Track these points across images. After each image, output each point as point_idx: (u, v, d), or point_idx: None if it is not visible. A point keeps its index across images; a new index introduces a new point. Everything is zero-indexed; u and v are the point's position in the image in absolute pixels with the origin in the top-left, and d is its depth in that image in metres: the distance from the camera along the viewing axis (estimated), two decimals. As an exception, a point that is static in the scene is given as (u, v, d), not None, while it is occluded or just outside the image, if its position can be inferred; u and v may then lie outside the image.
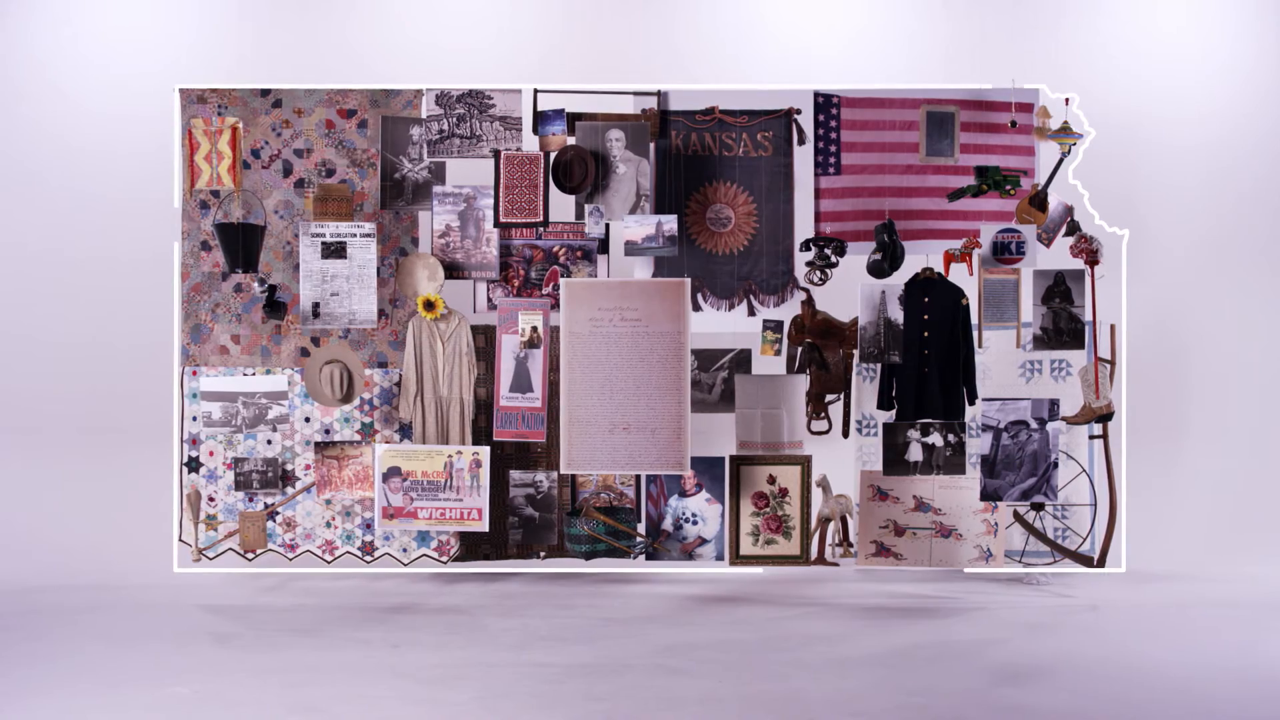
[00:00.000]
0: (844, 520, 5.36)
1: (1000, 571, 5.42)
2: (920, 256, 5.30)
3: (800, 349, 5.39)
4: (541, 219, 5.37)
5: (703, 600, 5.09)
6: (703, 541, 5.40)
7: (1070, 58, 6.18)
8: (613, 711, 3.64)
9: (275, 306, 5.31)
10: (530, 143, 5.41)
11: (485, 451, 5.24)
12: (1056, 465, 5.20)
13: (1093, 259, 5.23)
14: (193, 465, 5.40)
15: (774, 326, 5.39)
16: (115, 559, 5.56)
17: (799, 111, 5.41)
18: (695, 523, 5.40)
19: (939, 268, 5.27)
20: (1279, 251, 6.25)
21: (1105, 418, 5.28)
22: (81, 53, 6.22)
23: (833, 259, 5.30)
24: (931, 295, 5.24)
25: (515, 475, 5.43)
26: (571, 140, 5.36)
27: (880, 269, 5.26)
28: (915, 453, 5.23)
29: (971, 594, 5.19)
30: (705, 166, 5.43)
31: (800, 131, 5.42)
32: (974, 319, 5.26)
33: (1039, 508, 5.43)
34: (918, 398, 5.21)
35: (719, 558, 5.38)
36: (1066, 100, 5.36)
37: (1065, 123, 5.29)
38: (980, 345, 5.32)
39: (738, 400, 5.35)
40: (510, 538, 5.44)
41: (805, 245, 5.36)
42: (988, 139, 5.43)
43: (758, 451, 5.32)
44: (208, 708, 3.69)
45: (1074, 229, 5.31)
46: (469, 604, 5.00)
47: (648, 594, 5.20)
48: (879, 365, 5.30)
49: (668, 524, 5.40)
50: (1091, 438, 5.43)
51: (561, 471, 5.18)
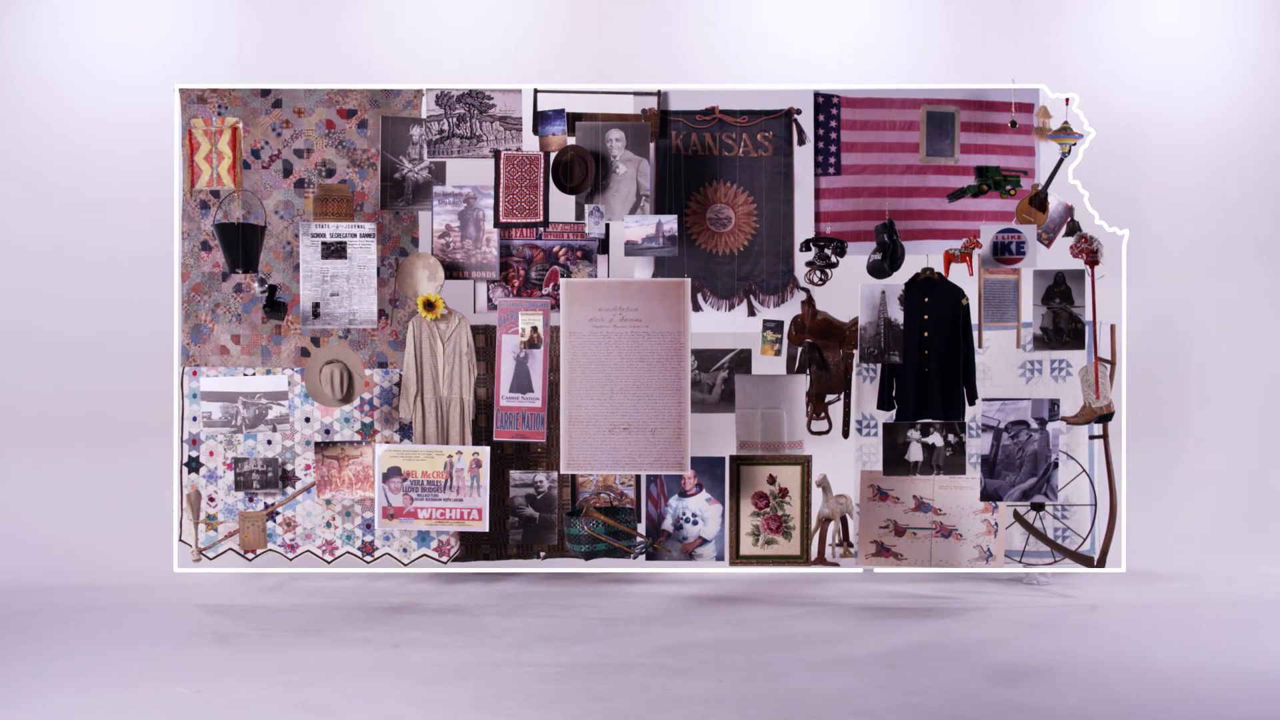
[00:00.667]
0: (844, 520, 5.36)
1: (1000, 571, 5.42)
2: (920, 256, 5.30)
3: (800, 349, 5.39)
4: (541, 219, 5.37)
5: (703, 600, 5.09)
6: (703, 541, 5.40)
7: (1070, 58, 6.19)
8: (613, 711, 3.64)
9: (275, 306, 5.31)
10: (530, 143, 5.41)
11: (485, 451, 5.24)
12: (1056, 465, 5.20)
13: (1093, 259, 5.23)
14: (193, 465, 5.40)
15: (774, 326, 5.39)
16: (115, 559, 5.56)
17: (799, 111, 5.41)
18: (695, 523, 5.40)
19: (939, 268, 5.27)
20: (1279, 251, 6.25)
21: (1105, 418, 5.28)
22: (81, 53, 6.22)
23: (833, 259, 5.30)
24: (931, 295, 5.24)
25: (515, 475, 5.43)
26: (571, 140, 5.36)
27: (880, 269, 5.26)
28: (915, 453, 5.23)
29: (971, 594, 5.19)
30: (705, 166, 5.43)
31: (800, 131, 5.41)
32: (974, 319, 5.26)
33: (1039, 508, 5.43)
34: (918, 398, 5.21)
35: (719, 558, 5.39)
36: (1067, 100, 5.36)
37: (1065, 123, 5.29)
38: (980, 345, 5.32)
39: (738, 400, 5.36)
40: (510, 538, 5.44)
41: (805, 245, 5.36)
42: (988, 139, 5.43)
43: (758, 452, 5.32)
44: (208, 708, 3.68)
45: (1074, 229, 5.31)
46: (469, 604, 4.99)
47: (648, 594, 5.20)
48: (879, 365, 5.30)
49: (668, 524, 5.40)
50: (1091, 438, 5.43)
51: (561, 472, 5.18)
